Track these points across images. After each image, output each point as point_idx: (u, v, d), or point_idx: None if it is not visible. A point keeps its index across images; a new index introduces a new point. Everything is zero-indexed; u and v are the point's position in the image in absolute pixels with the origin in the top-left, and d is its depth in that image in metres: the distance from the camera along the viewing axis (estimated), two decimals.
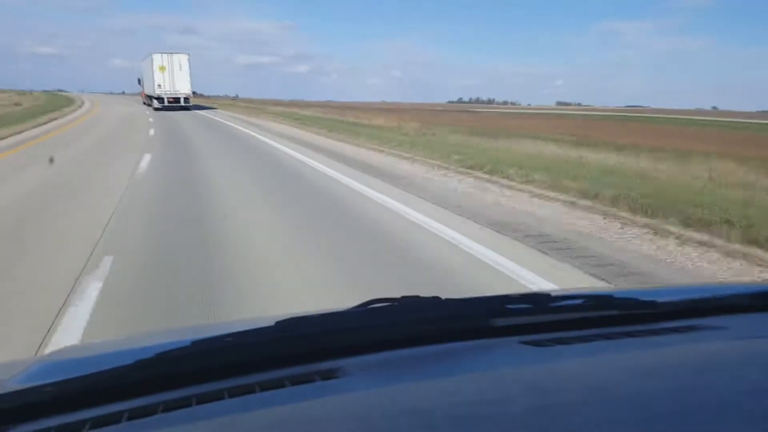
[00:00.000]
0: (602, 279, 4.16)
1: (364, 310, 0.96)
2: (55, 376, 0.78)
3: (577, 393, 0.72)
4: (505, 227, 5.75)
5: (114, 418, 0.68)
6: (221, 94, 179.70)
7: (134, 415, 0.69)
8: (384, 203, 7.01)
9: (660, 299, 1.13)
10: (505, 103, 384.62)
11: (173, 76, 35.65)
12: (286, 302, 3.55)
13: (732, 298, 1.22)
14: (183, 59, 36.18)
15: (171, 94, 35.42)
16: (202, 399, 0.72)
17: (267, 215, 6.39)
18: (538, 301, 1.07)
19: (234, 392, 0.74)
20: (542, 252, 4.88)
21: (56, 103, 40.50)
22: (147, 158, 10.92)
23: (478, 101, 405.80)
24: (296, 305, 3.43)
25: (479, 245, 4.97)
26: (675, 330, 1.00)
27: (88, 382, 0.77)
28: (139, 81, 43.63)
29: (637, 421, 0.63)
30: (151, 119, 25.52)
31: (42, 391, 0.75)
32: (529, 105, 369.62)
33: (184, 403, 0.72)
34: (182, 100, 35.71)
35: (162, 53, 36.07)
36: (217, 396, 0.73)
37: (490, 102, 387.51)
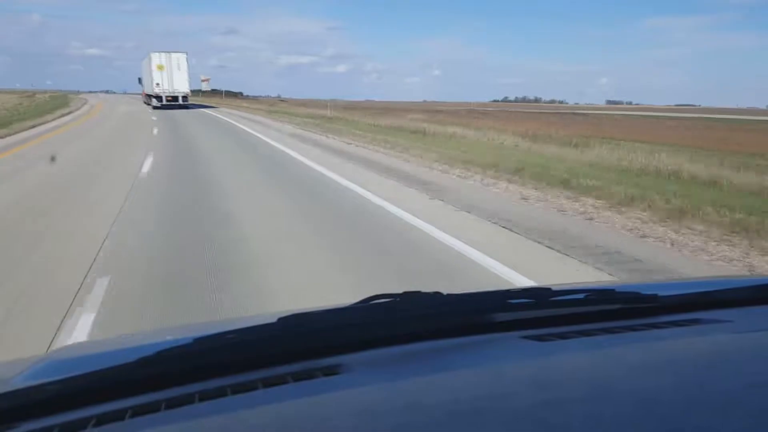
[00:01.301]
0: None
1: (366, 306, 0.95)
2: (60, 374, 0.78)
3: (579, 388, 0.72)
4: None
5: (118, 415, 0.69)
6: (262, 95, 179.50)
7: (138, 412, 0.69)
8: None
9: (662, 293, 1.11)
10: (552, 101, 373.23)
11: (171, 76, 35.74)
12: None
13: (735, 291, 1.21)
14: (182, 58, 36.28)
15: (169, 93, 35.50)
16: (205, 396, 0.72)
17: None
18: (539, 295, 1.05)
19: (237, 389, 0.74)
20: None
21: (38, 109, 30.60)
22: None
23: (524, 100, 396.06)
24: None
25: None
26: (677, 324, 1.00)
27: (92, 379, 0.77)
28: (139, 80, 43.77)
29: (639, 416, 0.62)
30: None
31: (47, 388, 0.75)
32: (576, 104, 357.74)
33: (187, 400, 0.72)
34: (180, 98, 35.72)
35: (160, 52, 36.14)
36: (219, 393, 0.73)
37: (537, 101, 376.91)
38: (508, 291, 1.05)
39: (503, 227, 6.11)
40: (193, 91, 39.23)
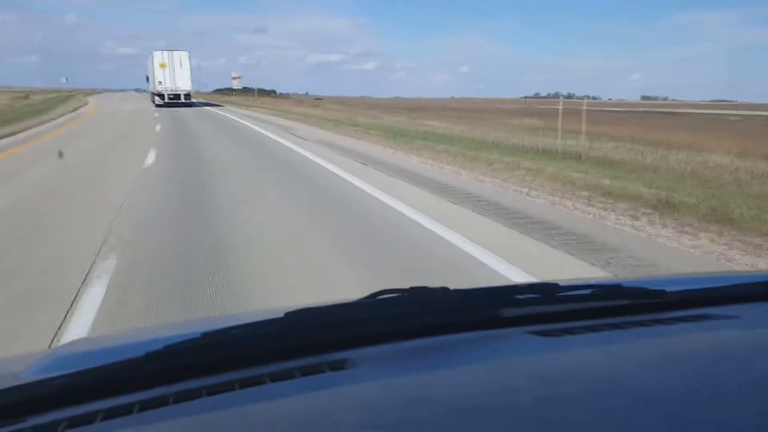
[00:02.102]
0: None
1: (372, 301, 0.95)
2: (68, 368, 0.78)
3: (586, 383, 0.72)
4: None
5: (125, 410, 0.69)
6: (291, 92, 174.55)
7: (145, 406, 0.70)
8: None
9: (669, 288, 1.11)
10: (585, 98, 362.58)
11: (174, 73, 35.98)
12: None
13: (742, 287, 1.20)
14: (184, 56, 36.62)
15: (171, 90, 35.81)
16: (212, 390, 0.73)
17: None
18: (546, 291, 1.05)
19: (244, 383, 0.74)
20: None
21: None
22: None
23: (556, 96, 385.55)
24: None
25: None
26: (685, 319, 0.99)
27: (99, 373, 0.77)
28: (147, 79, 44.01)
29: (646, 411, 0.62)
30: None
31: (54, 383, 0.75)
32: (610, 100, 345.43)
33: (194, 394, 0.72)
34: (182, 96, 36.05)
35: (163, 50, 36.63)
36: (227, 387, 0.73)
37: (569, 97, 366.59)
38: (515, 286, 1.06)
39: None
40: (224, 90, 37.59)
